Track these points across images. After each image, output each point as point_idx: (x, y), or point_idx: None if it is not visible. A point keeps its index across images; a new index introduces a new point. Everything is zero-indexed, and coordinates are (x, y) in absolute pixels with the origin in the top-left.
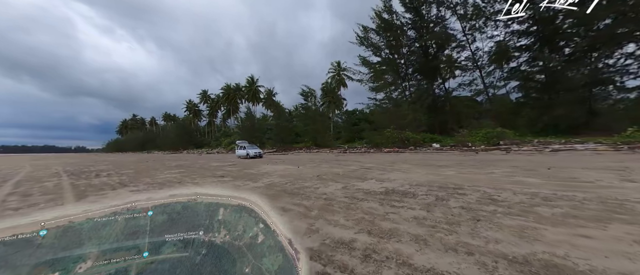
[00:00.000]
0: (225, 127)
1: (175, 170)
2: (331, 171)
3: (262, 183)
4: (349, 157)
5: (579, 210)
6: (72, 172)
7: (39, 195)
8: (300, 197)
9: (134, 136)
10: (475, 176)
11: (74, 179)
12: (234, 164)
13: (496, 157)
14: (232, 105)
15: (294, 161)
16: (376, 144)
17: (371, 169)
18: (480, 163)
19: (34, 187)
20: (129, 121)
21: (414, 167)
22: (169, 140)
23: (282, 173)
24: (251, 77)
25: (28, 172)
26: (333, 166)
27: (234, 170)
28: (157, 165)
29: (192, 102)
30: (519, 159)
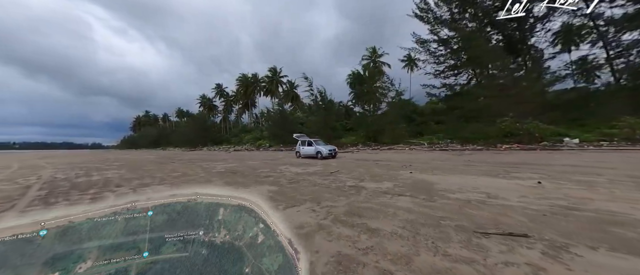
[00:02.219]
0: (239, 122)
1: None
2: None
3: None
4: (479, 157)
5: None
6: (55, 183)
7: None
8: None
9: (147, 133)
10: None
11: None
12: (308, 164)
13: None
14: (249, 98)
15: (414, 164)
16: (482, 138)
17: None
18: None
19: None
20: (142, 118)
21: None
22: (185, 137)
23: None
24: (274, 68)
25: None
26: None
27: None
28: (197, 170)
29: (206, 97)
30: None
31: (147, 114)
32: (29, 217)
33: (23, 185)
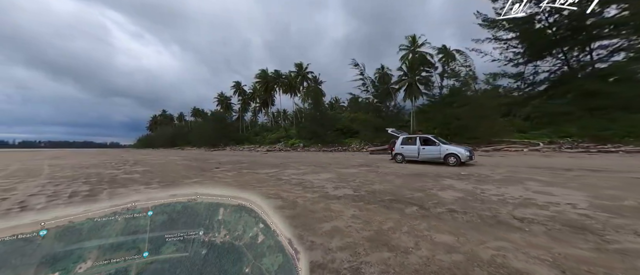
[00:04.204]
0: (255, 121)
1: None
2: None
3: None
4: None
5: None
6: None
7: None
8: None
9: (164, 132)
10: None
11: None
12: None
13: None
14: (268, 95)
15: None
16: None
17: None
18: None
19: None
20: (158, 117)
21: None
22: (204, 136)
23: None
24: (300, 63)
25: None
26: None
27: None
28: (296, 191)
29: (224, 95)
30: None
31: (163, 113)
32: (29, 217)
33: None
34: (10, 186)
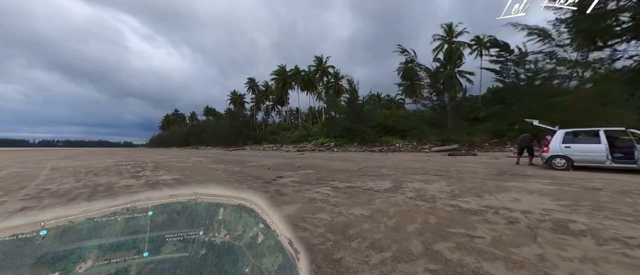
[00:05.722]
0: (266, 120)
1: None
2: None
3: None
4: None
5: None
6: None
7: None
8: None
9: (177, 131)
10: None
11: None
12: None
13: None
14: (285, 92)
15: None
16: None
17: None
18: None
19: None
20: (171, 116)
21: None
22: (220, 134)
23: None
24: (319, 57)
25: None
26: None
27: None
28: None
29: (237, 93)
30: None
31: (176, 113)
32: (29, 217)
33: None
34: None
